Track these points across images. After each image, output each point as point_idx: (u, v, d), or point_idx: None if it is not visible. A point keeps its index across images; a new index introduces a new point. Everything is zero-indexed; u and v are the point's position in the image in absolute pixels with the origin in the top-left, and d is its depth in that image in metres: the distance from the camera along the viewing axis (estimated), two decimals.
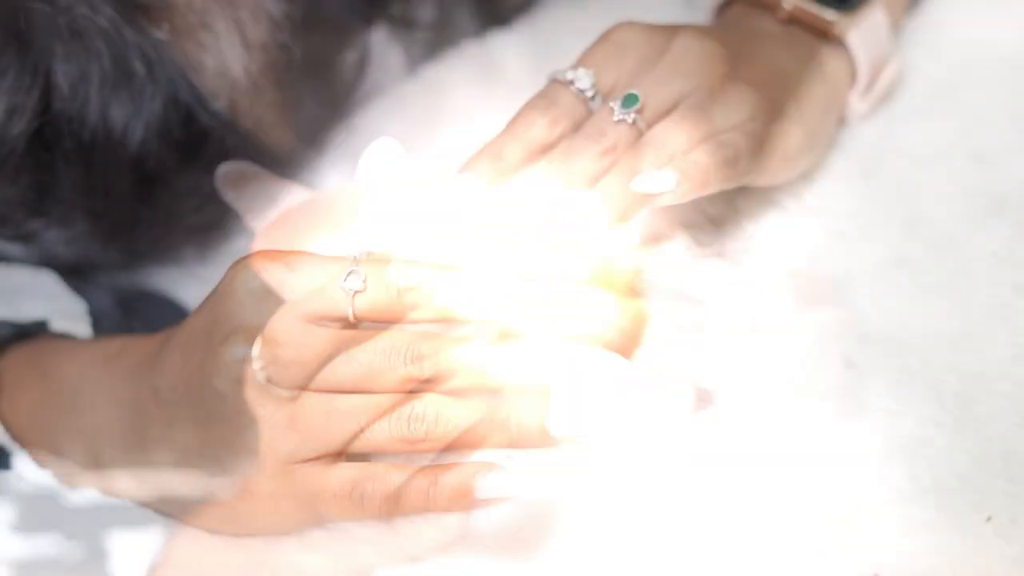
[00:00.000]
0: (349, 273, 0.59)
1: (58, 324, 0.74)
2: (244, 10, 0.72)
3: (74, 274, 0.80)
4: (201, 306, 0.62)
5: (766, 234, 0.71)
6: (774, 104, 0.67)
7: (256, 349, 0.59)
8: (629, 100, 0.64)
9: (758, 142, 0.65)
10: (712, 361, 0.64)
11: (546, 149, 0.64)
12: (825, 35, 0.72)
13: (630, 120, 0.64)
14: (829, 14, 0.72)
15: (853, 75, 0.73)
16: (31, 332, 0.74)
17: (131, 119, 0.70)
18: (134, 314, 0.79)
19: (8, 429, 0.70)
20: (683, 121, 0.64)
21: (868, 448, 0.60)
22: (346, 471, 0.59)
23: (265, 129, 0.76)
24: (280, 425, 0.59)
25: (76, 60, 0.68)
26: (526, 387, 0.60)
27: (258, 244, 0.68)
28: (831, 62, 0.72)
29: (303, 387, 0.59)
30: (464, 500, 0.58)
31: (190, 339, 0.62)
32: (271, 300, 0.59)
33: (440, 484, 0.58)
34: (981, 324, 0.65)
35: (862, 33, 0.72)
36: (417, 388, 0.60)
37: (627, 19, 0.68)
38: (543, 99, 0.65)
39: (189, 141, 0.73)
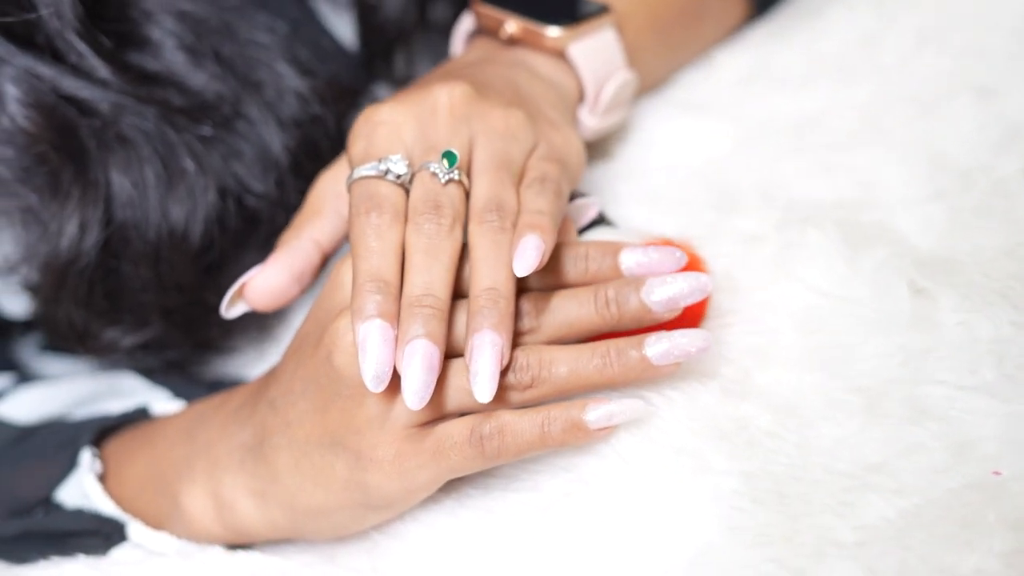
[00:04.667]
0: None
1: (156, 408, 0.78)
2: (271, 91, 0.76)
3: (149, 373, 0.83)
4: (308, 314, 0.66)
5: (802, 194, 0.74)
6: (538, 118, 0.68)
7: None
8: (450, 158, 0.63)
9: (559, 163, 0.66)
10: (790, 312, 0.66)
11: (400, 247, 0.62)
12: (546, 50, 0.73)
13: (457, 177, 0.64)
14: (548, 30, 0.73)
15: (581, 91, 0.74)
16: (134, 418, 0.77)
17: (190, 214, 0.73)
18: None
19: (119, 503, 0.73)
20: (498, 170, 0.64)
21: (956, 361, 0.62)
22: (462, 420, 0.61)
23: None
24: (398, 390, 0.61)
25: (130, 167, 0.71)
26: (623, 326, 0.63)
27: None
28: (558, 76, 0.73)
29: None
30: (578, 432, 0.61)
31: (301, 343, 0.65)
32: None
33: (552, 418, 0.61)
34: None
35: (583, 48, 0.73)
36: (520, 342, 0.62)
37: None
38: (369, 202, 0.62)
39: (243, 226, 0.76)
